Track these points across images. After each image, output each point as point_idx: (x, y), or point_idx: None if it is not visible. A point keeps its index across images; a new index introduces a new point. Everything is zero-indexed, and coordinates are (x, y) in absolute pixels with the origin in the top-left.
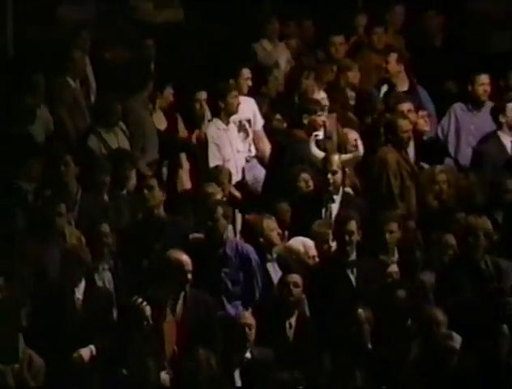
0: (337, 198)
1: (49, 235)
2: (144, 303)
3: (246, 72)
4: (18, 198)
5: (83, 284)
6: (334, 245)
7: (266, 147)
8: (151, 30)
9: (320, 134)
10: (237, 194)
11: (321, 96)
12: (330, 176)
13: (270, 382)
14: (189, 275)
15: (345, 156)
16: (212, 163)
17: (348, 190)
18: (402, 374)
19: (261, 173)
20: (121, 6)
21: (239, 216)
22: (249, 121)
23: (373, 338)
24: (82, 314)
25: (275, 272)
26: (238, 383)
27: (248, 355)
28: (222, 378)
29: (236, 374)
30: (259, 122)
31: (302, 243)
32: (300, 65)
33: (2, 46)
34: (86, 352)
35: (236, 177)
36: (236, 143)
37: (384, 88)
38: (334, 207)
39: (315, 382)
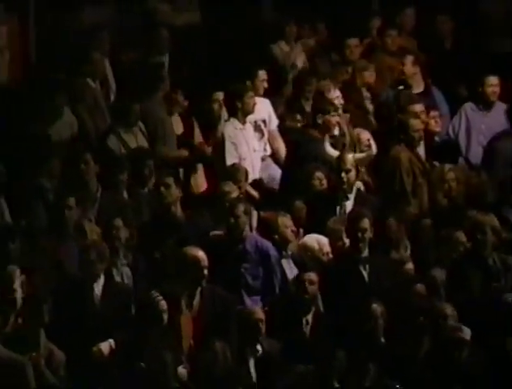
0: (351, 195)
1: (68, 232)
2: (160, 298)
3: (262, 74)
4: (39, 196)
5: (101, 280)
6: (347, 241)
7: (281, 147)
8: (169, 32)
9: (335, 133)
10: (254, 192)
11: (336, 94)
12: (343, 174)
13: (283, 373)
14: (205, 271)
15: (359, 155)
16: (229, 161)
17: (359, 184)
18: (414, 369)
19: (276, 171)
20: (139, 9)
21: (255, 214)
22: (264, 121)
23: (386, 333)
24: (101, 309)
25: (289, 269)
26: (253, 375)
27: (259, 347)
28: (237, 370)
29: (251, 366)
30: (274, 122)
31: (316, 240)
32: (314, 69)
33: (25, 48)
34: (105, 346)
35: (253, 176)
36: (252, 143)
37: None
38: (349, 205)
39: (331, 377)
